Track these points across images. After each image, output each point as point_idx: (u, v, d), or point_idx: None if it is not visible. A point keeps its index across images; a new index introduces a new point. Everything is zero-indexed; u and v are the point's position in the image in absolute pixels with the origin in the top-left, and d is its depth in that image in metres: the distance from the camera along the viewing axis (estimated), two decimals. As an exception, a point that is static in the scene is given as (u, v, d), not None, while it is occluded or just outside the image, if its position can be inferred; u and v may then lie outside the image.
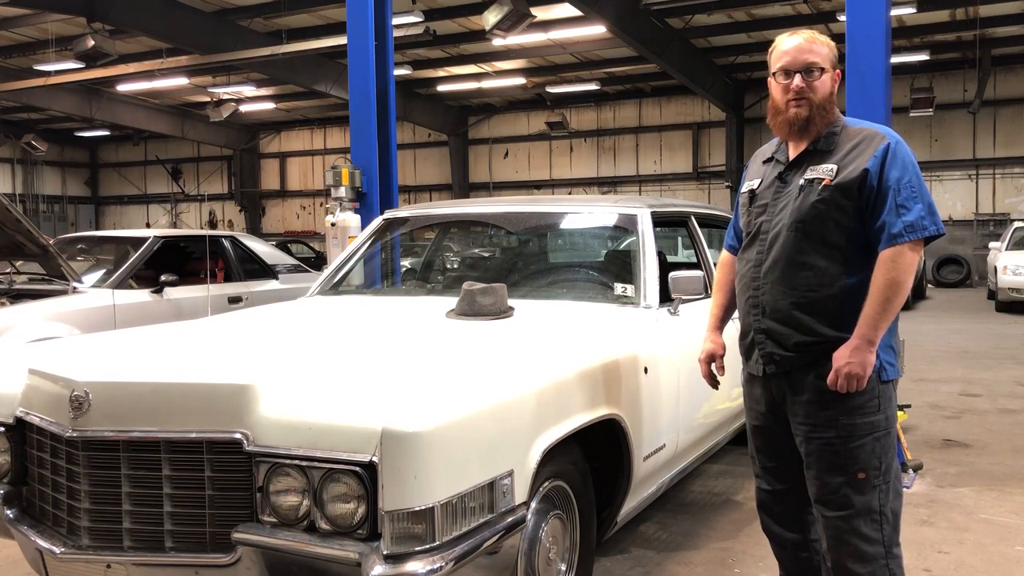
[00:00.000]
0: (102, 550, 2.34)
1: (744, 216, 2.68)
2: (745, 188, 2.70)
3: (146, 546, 2.32)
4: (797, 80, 2.48)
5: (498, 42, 15.66)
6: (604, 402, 2.81)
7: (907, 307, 3.73)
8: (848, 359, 2.36)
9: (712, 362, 2.84)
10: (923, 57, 17.85)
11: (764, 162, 2.67)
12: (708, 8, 14.74)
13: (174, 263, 6.94)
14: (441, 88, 21.27)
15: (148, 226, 28.68)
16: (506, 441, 2.30)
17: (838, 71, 2.56)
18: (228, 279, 7.10)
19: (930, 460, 4.92)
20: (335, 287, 4.24)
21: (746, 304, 2.61)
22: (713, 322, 2.87)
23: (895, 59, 14.90)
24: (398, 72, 17.25)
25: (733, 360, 3.92)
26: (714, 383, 2.87)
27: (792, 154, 2.57)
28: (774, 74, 2.53)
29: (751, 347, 2.60)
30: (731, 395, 4.00)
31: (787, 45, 2.51)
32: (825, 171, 2.46)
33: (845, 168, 2.44)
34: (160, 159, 29.66)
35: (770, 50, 2.58)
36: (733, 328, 4.29)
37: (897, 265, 2.34)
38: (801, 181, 2.50)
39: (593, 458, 2.88)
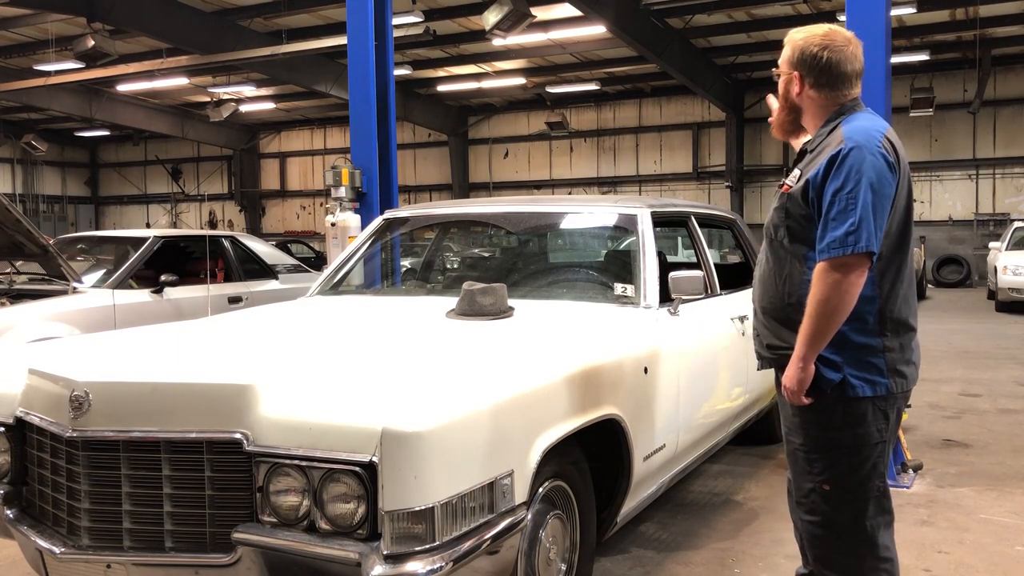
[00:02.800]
0: (102, 550, 2.35)
1: None
2: None
3: (146, 546, 2.32)
4: None
5: (498, 42, 15.65)
6: (604, 402, 2.81)
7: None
8: (786, 373, 2.36)
9: None
10: (923, 57, 17.85)
11: None
12: (708, 8, 14.74)
13: (174, 263, 6.94)
14: (441, 88, 21.27)
15: (148, 226, 28.68)
16: (506, 441, 2.30)
17: (795, 72, 2.44)
18: (228, 279, 7.10)
19: (930, 460, 4.91)
20: (335, 287, 4.24)
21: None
22: None
23: (895, 59, 14.90)
24: (398, 72, 17.24)
25: (734, 358, 3.89)
26: None
27: None
28: None
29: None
30: (731, 395, 4.00)
31: None
32: (791, 177, 2.44)
33: (804, 176, 2.37)
34: (160, 159, 29.66)
35: None
36: (737, 326, 4.27)
37: (823, 282, 2.24)
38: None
39: (593, 458, 2.88)
